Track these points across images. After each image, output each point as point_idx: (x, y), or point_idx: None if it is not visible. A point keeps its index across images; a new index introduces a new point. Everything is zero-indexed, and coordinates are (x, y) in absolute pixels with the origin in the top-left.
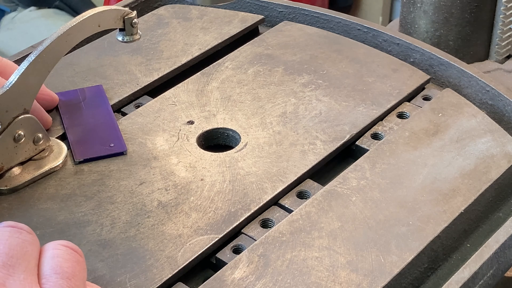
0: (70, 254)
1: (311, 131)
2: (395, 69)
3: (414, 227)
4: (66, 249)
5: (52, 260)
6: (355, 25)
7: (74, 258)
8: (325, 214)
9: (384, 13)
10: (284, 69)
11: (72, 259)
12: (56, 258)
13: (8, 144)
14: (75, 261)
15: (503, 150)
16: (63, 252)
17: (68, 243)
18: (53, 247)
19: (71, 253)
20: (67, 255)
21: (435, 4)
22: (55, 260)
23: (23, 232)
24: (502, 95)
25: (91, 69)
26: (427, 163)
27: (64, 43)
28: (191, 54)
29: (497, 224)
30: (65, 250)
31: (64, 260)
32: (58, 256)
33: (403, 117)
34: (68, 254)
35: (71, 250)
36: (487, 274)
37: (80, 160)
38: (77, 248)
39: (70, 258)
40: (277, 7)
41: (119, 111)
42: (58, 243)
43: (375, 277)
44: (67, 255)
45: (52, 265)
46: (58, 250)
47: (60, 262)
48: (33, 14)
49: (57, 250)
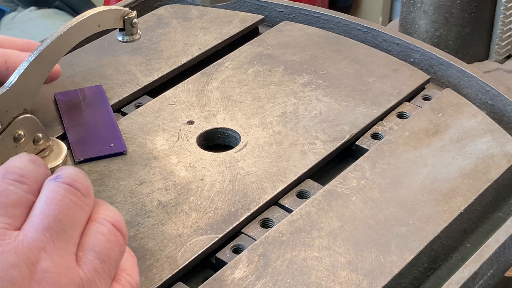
0: (113, 235)
1: (311, 131)
2: (395, 69)
3: (414, 227)
4: (111, 227)
5: (94, 236)
6: (355, 25)
7: (116, 240)
8: (325, 214)
9: (384, 13)
10: (284, 69)
11: (113, 240)
12: (99, 235)
13: (8, 144)
14: (115, 243)
15: (503, 150)
16: (108, 231)
17: (116, 220)
18: (101, 220)
19: (115, 234)
20: (111, 236)
21: (435, 4)
22: (97, 237)
23: (78, 194)
24: (502, 95)
25: (91, 69)
26: (427, 163)
27: (64, 43)
28: (191, 54)
29: (497, 224)
30: (110, 229)
31: (106, 240)
32: (102, 233)
33: (403, 117)
34: (112, 234)
35: (115, 230)
36: (487, 274)
37: (80, 160)
38: (123, 227)
39: (112, 239)
40: (277, 7)
41: (119, 111)
42: (106, 216)
43: (375, 277)
44: (110, 235)
45: (93, 241)
46: (104, 227)
47: (102, 240)
48: (33, 14)
49: (102, 226)
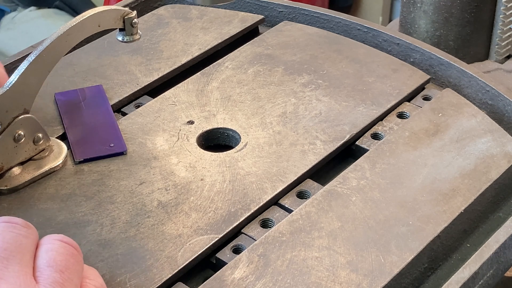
0: (63, 247)
1: (311, 131)
2: (395, 69)
3: (414, 227)
4: (60, 243)
5: (46, 254)
6: (355, 25)
7: (68, 252)
8: (325, 214)
9: (384, 13)
10: (284, 69)
11: (66, 253)
12: (50, 252)
13: (8, 144)
14: (68, 254)
15: (503, 150)
16: (57, 246)
17: (64, 237)
18: (47, 241)
19: (64, 247)
20: (61, 249)
21: (435, 4)
22: (49, 254)
23: (17, 226)
24: (502, 95)
25: (91, 69)
26: (427, 163)
27: (64, 43)
28: (191, 54)
29: (497, 224)
30: (59, 244)
31: (58, 253)
32: (52, 250)
33: (403, 117)
34: (62, 247)
35: (65, 243)
36: (487, 274)
37: (80, 160)
38: (72, 242)
39: (63, 252)
40: (277, 7)
41: (119, 111)
42: (52, 237)
43: (375, 277)
44: (61, 248)
45: (46, 259)
46: (52, 244)
47: (54, 255)
48: (33, 14)
49: (51, 244)
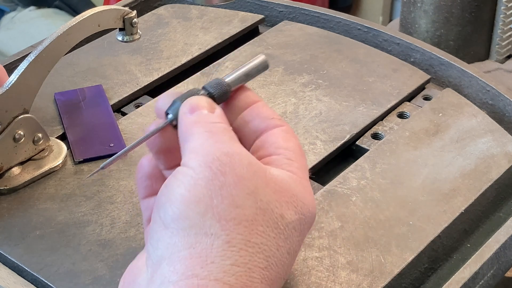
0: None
1: (311, 131)
2: (395, 69)
3: (414, 227)
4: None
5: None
6: (355, 25)
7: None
8: (325, 214)
9: (384, 13)
10: (284, 69)
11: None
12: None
13: (8, 144)
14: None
15: (504, 150)
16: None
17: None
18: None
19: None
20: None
21: (436, 4)
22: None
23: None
24: (503, 95)
25: (91, 69)
26: (428, 163)
27: (64, 43)
28: (191, 54)
29: (498, 224)
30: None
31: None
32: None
33: (403, 117)
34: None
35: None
36: (488, 274)
37: (80, 160)
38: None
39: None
40: (277, 7)
41: (119, 111)
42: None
43: (375, 277)
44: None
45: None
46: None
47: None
48: (32, 14)
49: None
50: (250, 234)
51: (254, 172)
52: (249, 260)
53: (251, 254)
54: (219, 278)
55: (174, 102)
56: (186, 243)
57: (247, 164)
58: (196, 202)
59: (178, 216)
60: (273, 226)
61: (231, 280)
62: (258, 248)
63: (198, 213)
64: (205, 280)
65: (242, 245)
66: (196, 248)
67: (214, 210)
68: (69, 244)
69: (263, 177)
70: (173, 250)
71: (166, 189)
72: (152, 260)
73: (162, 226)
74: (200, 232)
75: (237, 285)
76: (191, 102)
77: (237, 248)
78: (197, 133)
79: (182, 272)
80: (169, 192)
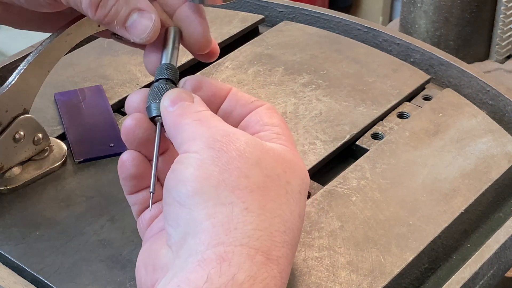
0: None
1: (311, 131)
2: (395, 69)
3: (414, 227)
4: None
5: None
6: (355, 25)
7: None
8: (325, 214)
9: (384, 13)
10: (284, 69)
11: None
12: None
13: (8, 144)
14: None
15: (504, 150)
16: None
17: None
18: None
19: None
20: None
21: (435, 4)
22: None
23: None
24: (503, 95)
25: (91, 69)
26: (428, 163)
27: (64, 43)
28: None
29: (498, 224)
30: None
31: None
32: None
33: (403, 117)
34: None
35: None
36: (488, 274)
37: (80, 160)
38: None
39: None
40: (277, 7)
41: (119, 111)
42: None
43: (375, 277)
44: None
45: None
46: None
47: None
48: None
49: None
50: (265, 199)
51: (254, 146)
52: (269, 225)
53: (269, 218)
54: (245, 243)
55: (149, 105)
56: (205, 214)
57: (245, 139)
58: (207, 178)
59: (193, 193)
60: (283, 192)
61: (256, 244)
62: (274, 213)
63: (212, 187)
64: (231, 246)
65: (260, 210)
66: (217, 218)
67: (226, 182)
68: (69, 244)
69: (262, 149)
70: (195, 223)
71: (173, 174)
72: (175, 238)
73: (178, 206)
74: (217, 202)
75: (262, 249)
76: (170, 96)
77: (256, 213)
78: (187, 123)
79: (208, 242)
80: (178, 175)
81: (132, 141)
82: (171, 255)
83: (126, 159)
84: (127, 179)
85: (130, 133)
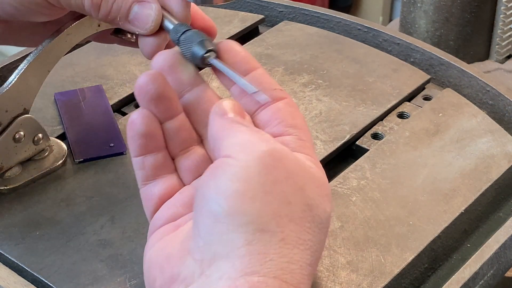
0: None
1: (311, 131)
2: (395, 69)
3: (414, 227)
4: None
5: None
6: (355, 25)
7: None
8: None
9: (384, 13)
10: (284, 69)
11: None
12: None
13: (8, 144)
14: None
15: (504, 150)
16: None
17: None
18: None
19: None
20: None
21: (436, 4)
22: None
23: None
24: (503, 95)
25: (91, 69)
26: (428, 163)
27: (64, 43)
28: None
29: (498, 224)
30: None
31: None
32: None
33: (403, 117)
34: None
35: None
36: (488, 274)
37: (80, 160)
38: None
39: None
40: (277, 7)
41: (119, 111)
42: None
43: (375, 277)
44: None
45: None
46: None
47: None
48: None
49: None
50: (300, 231)
51: (301, 168)
52: (301, 258)
53: (302, 251)
54: (278, 275)
55: (193, 49)
56: (245, 240)
57: (294, 160)
58: (251, 198)
59: (234, 212)
60: (318, 222)
61: (288, 277)
62: (306, 245)
63: (254, 209)
64: (265, 277)
65: (295, 243)
66: (255, 245)
67: (269, 207)
68: (69, 244)
69: (308, 173)
70: (231, 246)
71: (213, 182)
72: (204, 254)
73: (213, 219)
74: (258, 228)
75: (293, 282)
76: (225, 104)
77: (291, 245)
78: (238, 130)
79: (241, 268)
80: (219, 185)
81: (144, 95)
82: (196, 269)
83: (136, 117)
84: (135, 138)
85: (142, 87)
